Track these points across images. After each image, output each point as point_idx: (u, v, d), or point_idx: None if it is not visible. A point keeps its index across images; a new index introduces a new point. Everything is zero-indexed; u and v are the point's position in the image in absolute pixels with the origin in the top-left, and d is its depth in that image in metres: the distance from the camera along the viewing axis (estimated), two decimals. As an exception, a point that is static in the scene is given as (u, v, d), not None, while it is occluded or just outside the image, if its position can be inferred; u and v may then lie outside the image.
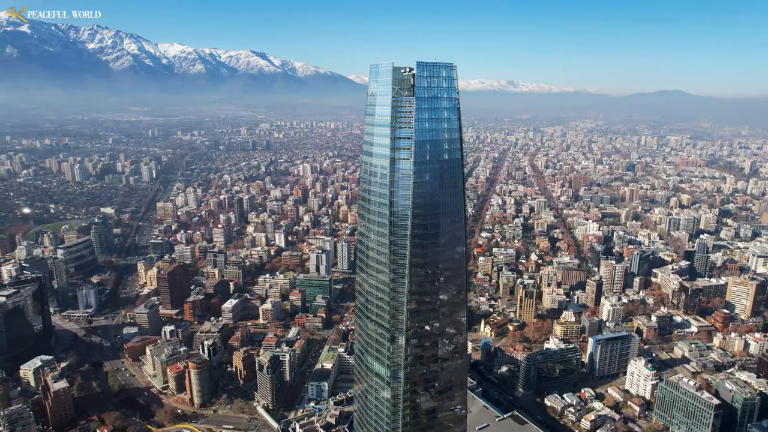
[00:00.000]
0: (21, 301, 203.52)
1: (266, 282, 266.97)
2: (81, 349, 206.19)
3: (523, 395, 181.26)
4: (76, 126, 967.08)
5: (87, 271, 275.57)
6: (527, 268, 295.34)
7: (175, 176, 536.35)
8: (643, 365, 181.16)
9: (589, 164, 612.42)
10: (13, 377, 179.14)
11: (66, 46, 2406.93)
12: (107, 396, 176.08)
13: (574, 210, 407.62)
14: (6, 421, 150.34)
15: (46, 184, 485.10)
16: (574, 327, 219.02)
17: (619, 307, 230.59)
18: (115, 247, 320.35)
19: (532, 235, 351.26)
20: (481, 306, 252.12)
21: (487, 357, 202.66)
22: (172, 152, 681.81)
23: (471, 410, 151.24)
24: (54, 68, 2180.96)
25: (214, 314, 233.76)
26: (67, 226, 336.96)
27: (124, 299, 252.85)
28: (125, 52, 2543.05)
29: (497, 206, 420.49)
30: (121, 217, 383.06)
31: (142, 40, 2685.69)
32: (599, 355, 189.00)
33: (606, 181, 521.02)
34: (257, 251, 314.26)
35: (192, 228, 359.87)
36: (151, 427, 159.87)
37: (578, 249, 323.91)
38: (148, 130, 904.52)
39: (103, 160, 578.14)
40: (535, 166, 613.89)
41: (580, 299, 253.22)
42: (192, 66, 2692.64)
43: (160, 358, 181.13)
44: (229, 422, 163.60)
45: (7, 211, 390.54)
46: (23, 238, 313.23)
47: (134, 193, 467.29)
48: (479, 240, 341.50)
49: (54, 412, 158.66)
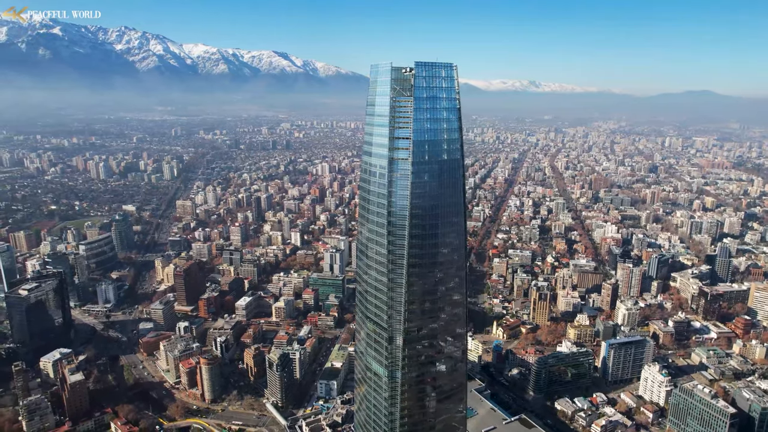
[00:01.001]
0: (43, 296, 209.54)
1: (280, 280, 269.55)
2: (99, 343, 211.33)
3: (534, 398, 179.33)
4: (102, 125, 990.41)
5: (107, 266, 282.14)
6: (543, 270, 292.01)
7: (195, 175, 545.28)
8: (657, 371, 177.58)
9: (610, 166, 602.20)
10: (33, 369, 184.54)
11: (95, 48, 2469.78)
12: (122, 389, 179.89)
13: (593, 212, 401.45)
14: (25, 410, 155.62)
15: (72, 182, 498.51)
16: (588, 330, 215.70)
17: (635, 311, 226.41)
18: (134, 244, 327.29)
19: (549, 237, 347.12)
20: (495, 308, 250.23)
21: (498, 359, 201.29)
22: (194, 151, 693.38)
23: (478, 412, 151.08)
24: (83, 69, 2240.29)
25: (228, 311, 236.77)
26: (90, 222, 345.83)
27: (141, 295, 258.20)
28: (151, 53, 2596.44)
29: (515, 207, 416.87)
30: (142, 215, 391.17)
31: (168, 40, 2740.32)
32: (612, 359, 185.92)
33: (627, 183, 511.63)
34: (273, 249, 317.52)
35: (210, 226, 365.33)
36: (162, 421, 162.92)
37: (596, 252, 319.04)
38: (172, 129, 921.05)
39: (127, 159, 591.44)
40: (555, 167, 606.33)
41: (596, 302, 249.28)
42: (215, 66, 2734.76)
43: (173, 353, 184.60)
44: (238, 418, 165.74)
45: (35, 207, 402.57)
46: (48, 234, 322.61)
47: (155, 191, 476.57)
48: (495, 241, 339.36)
49: (70, 403, 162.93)
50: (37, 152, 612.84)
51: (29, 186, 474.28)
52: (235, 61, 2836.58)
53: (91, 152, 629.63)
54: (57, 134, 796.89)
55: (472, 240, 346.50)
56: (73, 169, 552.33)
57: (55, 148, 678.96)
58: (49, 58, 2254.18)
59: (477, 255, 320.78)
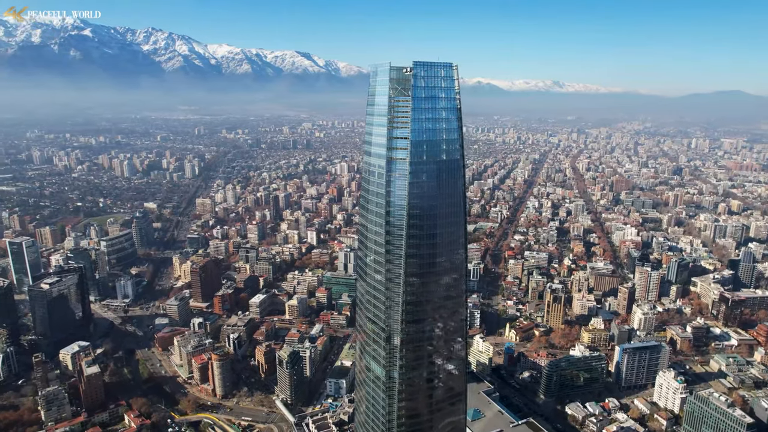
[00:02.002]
0: (64, 290, 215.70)
1: (295, 278, 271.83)
2: (116, 337, 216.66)
3: (544, 402, 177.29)
4: (129, 124, 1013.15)
5: (127, 262, 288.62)
6: (559, 272, 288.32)
7: (216, 173, 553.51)
8: (672, 377, 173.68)
9: (633, 167, 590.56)
10: (53, 360, 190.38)
11: (123, 48, 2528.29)
12: (137, 383, 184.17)
13: (614, 214, 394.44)
14: (43, 400, 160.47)
15: (98, 179, 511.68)
16: (603, 334, 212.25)
17: (652, 315, 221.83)
18: (154, 241, 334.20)
19: (568, 240, 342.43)
20: (508, 310, 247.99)
21: (509, 361, 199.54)
22: (216, 150, 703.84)
23: (485, 414, 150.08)
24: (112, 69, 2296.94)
25: (243, 308, 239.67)
26: (112, 219, 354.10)
27: (159, 291, 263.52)
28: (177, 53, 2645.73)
29: (533, 209, 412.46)
30: (163, 212, 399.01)
31: (193, 41, 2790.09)
32: (626, 364, 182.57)
33: (650, 185, 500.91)
34: (289, 248, 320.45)
35: (228, 224, 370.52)
36: (174, 415, 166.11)
37: (614, 254, 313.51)
38: (195, 128, 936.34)
39: (150, 157, 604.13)
40: (576, 168, 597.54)
41: (612, 306, 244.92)
42: (239, 66, 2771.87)
43: (187, 349, 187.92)
44: (248, 414, 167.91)
45: (61, 204, 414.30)
46: (72, 230, 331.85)
47: (177, 189, 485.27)
48: (512, 243, 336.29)
49: (86, 395, 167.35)
50: (65, 150, 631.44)
51: (57, 183, 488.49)
52: (258, 61, 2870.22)
53: (116, 150, 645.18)
54: (85, 133, 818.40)
55: (488, 241, 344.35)
56: (99, 167, 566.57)
57: (82, 146, 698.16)
58: (79, 59, 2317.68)
59: (493, 256, 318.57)
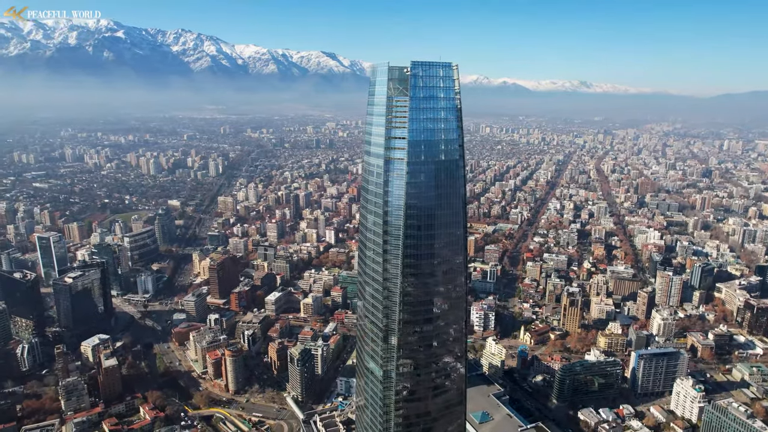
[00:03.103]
0: (88, 284, 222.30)
1: (311, 277, 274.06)
2: (136, 331, 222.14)
3: (557, 407, 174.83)
4: (157, 123, 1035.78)
5: (149, 258, 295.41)
6: (579, 275, 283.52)
7: (239, 172, 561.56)
8: (690, 385, 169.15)
9: (660, 169, 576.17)
10: (75, 352, 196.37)
11: (153, 49, 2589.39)
12: (153, 376, 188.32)
13: (637, 217, 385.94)
14: (63, 390, 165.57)
15: (125, 177, 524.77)
16: (620, 339, 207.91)
17: (672, 321, 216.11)
18: (176, 237, 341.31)
19: (588, 242, 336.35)
20: (524, 312, 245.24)
21: (522, 364, 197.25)
22: (240, 149, 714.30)
23: (494, 417, 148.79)
24: (142, 70, 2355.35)
25: (259, 305, 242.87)
26: (137, 216, 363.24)
27: (179, 287, 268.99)
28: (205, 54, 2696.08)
29: (554, 210, 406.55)
30: (186, 209, 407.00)
31: (221, 41, 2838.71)
32: (642, 370, 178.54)
33: (677, 187, 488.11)
34: (306, 247, 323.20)
35: (249, 222, 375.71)
36: (187, 409, 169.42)
37: (636, 258, 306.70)
38: (221, 127, 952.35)
39: (176, 156, 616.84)
40: (601, 170, 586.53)
41: (631, 311, 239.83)
42: (265, 66, 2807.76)
43: (201, 344, 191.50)
44: (259, 410, 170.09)
45: (90, 200, 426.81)
46: (98, 226, 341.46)
47: (200, 186, 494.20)
48: (531, 244, 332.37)
49: (104, 386, 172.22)
50: (96, 148, 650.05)
51: (87, 180, 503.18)
52: (284, 62, 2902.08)
53: (143, 149, 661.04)
54: (115, 131, 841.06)
55: (507, 242, 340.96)
56: (127, 164, 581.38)
57: (112, 144, 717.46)
58: (112, 60, 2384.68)
59: (511, 258, 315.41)
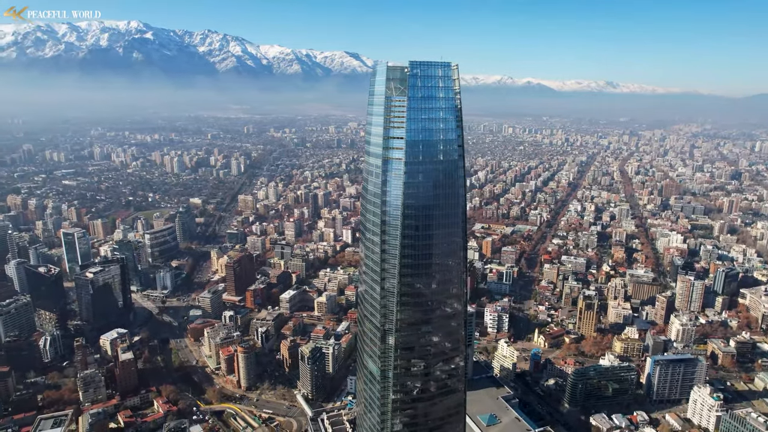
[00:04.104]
0: (109, 279, 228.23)
1: (326, 276, 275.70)
2: (153, 326, 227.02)
3: (568, 411, 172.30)
4: (183, 122, 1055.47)
5: (169, 255, 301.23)
6: (597, 278, 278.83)
7: (261, 171, 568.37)
8: (708, 393, 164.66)
9: (686, 171, 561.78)
10: (94, 345, 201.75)
11: (181, 50, 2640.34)
12: (168, 370, 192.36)
13: (660, 220, 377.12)
14: (81, 382, 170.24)
15: (149, 175, 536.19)
16: (636, 344, 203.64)
17: (691, 327, 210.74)
18: (196, 235, 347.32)
19: (608, 245, 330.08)
20: (539, 315, 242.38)
21: (535, 368, 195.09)
22: (262, 148, 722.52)
23: (501, 420, 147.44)
24: (170, 70, 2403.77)
25: (274, 303, 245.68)
26: (159, 213, 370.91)
27: (196, 283, 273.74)
28: (230, 54, 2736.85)
29: (575, 212, 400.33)
30: (207, 208, 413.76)
31: (246, 42, 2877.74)
32: (658, 377, 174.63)
33: (703, 190, 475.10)
34: (323, 246, 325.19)
35: (268, 220, 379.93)
36: (200, 403, 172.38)
37: (657, 262, 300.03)
38: (244, 127, 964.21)
39: (200, 154, 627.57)
40: (625, 171, 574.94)
41: (649, 316, 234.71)
42: (289, 66, 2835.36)
43: (215, 340, 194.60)
44: (269, 407, 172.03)
45: (115, 198, 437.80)
46: (122, 223, 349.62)
47: (222, 185, 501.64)
48: (549, 246, 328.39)
49: (120, 379, 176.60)
50: (123, 147, 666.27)
51: (113, 178, 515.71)
52: (308, 62, 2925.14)
53: (168, 148, 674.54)
54: (142, 131, 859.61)
55: (525, 244, 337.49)
56: (152, 163, 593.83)
57: (139, 143, 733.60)
58: (141, 61, 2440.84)
59: (528, 260, 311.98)
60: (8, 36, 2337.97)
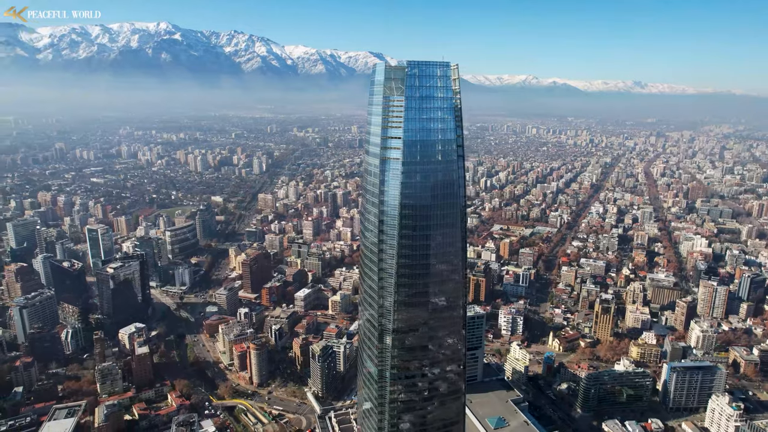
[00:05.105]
0: (129, 275, 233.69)
1: (342, 275, 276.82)
2: (171, 321, 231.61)
3: (581, 416, 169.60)
4: (208, 122, 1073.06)
5: (188, 252, 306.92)
6: (616, 282, 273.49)
7: (282, 170, 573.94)
8: (727, 402, 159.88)
9: (715, 173, 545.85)
10: (114, 339, 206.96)
11: (207, 51, 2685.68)
12: (183, 365, 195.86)
13: (685, 223, 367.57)
14: (99, 374, 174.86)
15: (173, 173, 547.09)
16: (653, 350, 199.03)
17: (712, 333, 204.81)
18: (216, 233, 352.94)
19: (630, 248, 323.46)
20: (555, 318, 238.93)
21: (547, 371, 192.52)
22: (285, 147, 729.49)
23: (510, 424, 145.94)
24: (197, 70, 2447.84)
25: (289, 301, 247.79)
26: (181, 211, 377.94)
27: (214, 280, 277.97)
28: (255, 54, 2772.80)
29: (596, 214, 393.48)
30: (228, 206, 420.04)
31: (271, 42, 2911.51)
32: (674, 384, 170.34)
33: (732, 193, 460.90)
34: (340, 245, 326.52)
35: (287, 219, 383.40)
36: (212, 398, 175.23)
37: (680, 266, 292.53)
38: (267, 126, 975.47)
39: (223, 153, 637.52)
40: (650, 173, 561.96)
41: (669, 321, 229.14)
42: (314, 66, 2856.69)
43: (229, 337, 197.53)
44: (280, 404, 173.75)
45: (139, 195, 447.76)
46: (144, 220, 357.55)
47: (244, 184, 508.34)
48: (568, 249, 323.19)
49: (136, 372, 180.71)
50: (149, 146, 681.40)
51: (138, 176, 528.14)
52: (332, 62, 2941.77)
53: (193, 146, 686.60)
54: (168, 130, 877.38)
55: (544, 246, 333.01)
56: (176, 161, 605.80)
57: (164, 142, 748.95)
58: (169, 61, 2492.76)
59: (546, 262, 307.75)
60: (45, 38, 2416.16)
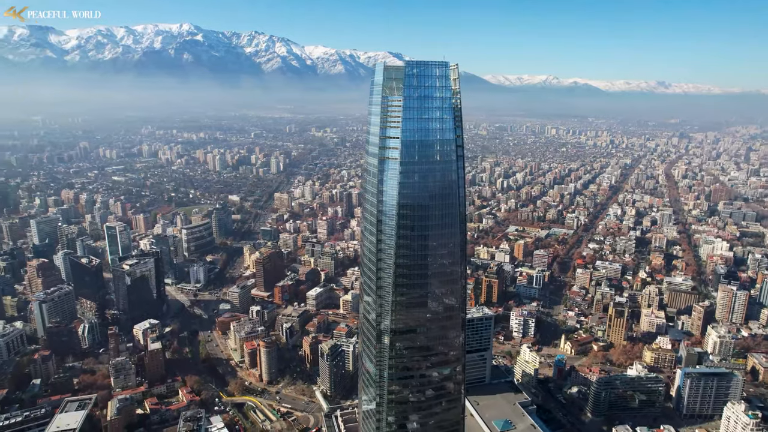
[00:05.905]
0: (146, 271, 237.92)
1: (354, 274, 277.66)
2: (184, 318, 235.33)
3: (591, 421, 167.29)
4: (228, 121, 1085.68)
5: (204, 250, 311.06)
6: (632, 285, 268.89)
7: (299, 169, 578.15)
8: (743, 410, 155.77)
9: (739, 175, 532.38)
10: (128, 335, 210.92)
11: (228, 51, 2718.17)
12: (194, 362, 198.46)
13: (706, 226, 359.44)
14: (113, 369, 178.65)
15: (192, 172, 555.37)
16: (668, 355, 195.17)
17: (730, 339, 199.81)
18: (231, 231, 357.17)
19: (647, 251, 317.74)
20: (568, 321, 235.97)
21: (558, 374, 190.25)
22: (303, 147, 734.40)
23: (516, 427, 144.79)
24: (218, 71, 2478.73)
25: (301, 300, 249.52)
26: (198, 209, 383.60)
27: (228, 278, 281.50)
28: (276, 55, 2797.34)
29: (614, 216, 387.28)
30: (244, 205, 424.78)
31: (291, 43, 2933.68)
32: (688, 390, 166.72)
33: (757, 195, 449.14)
34: (354, 244, 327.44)
35: (302, 218, 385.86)
36: (222, 395, 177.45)
37: (699, 270, 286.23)
38: (286, 126, 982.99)
39: (242, 153, 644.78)
40: (671, 175, 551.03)
41: (685, 326, 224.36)
42: (333, 66, 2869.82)
43: (240, 334, 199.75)
44: (289, 402, 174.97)
45: (158, 194, 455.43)
46: (162, 218, 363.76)
47: (261, 183, 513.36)
48: (584, 251, 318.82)
49: (149, 368, 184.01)
50: (169, 145, 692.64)
51: (158, 175, 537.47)
52: (351, 62, 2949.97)
53: (212, 146, 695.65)
54: (189, 129, 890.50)
55: (559, 248, 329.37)
56: (195, 160, 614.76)
57: (184, 141, 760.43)
58: (191, 62, 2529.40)
59: (561, 264, 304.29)
60: (73, 40, 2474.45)
